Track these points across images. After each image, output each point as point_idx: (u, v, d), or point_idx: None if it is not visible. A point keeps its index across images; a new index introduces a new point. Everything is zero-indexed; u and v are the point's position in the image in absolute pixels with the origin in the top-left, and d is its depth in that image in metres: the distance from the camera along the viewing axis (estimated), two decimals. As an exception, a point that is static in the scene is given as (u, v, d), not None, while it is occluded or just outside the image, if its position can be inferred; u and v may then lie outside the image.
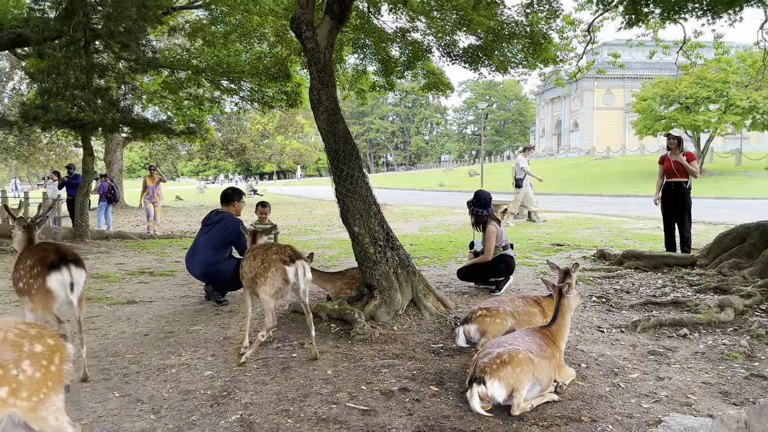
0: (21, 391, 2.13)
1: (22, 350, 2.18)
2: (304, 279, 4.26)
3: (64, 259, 3.93)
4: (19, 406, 2.13)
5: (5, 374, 2.09)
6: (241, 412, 3.38)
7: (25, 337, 2.22)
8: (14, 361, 2.14)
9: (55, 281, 3.85)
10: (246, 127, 39.90)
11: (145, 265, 8.90)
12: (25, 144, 27.81)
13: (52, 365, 2.25)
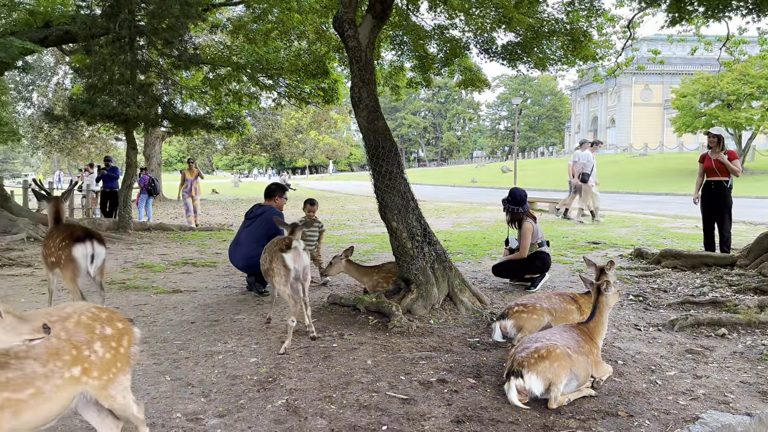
0: (92, 371, 2.30)
1: (94, 333, 2.35)
2: (297, 264, 4.51)
3: (89, 234, 4.83)
4: (91, 385, 2.30)
5: (79, 354, 2.26)
6: (286, 397, 3.54)
7: (97, 320, 2.39)
8: (87, 343, 2.31)
9: (79, 252, 4.67)
10: (281, 122, 40.40)
11: (187, 256, 9.19)
12: (68, 137, 28.74)
13: (121, 347, 2.42)
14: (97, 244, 4.85)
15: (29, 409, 2.05)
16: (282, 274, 4.52)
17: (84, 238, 4.79)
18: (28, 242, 10.24)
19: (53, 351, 2.15)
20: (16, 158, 76.83)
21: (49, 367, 2.12)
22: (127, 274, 7.62)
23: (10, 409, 1.99)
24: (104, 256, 4.95)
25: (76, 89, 18.70)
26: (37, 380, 2.07)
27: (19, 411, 2.02)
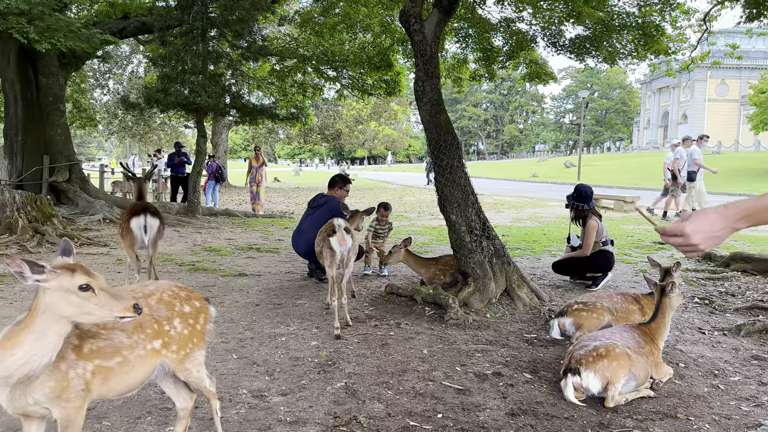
0: (171, 345, 2.49)
1: (174, 309, 2.54)
2: (344, 247, 4.78)
3: (145, 209, 5.57)
4: (169, 358, 2.49)
5: (160, 329, 2.45)
6: (345, 381, 3.68)
7: (177, 298, 2.58)
8: (167, 319, 2.49)
9: (134, 223, 5.47)
10: (342, 113, 40.88)
11: (251, 242, 9.53)
12: (141, 124, 30.08)
13: (198, 324, 2.60)
14: (150, 217, 5.54)
15: (116, 377, 2.25)
16: (328, 257, 4.81)
17: (140, 212, 5.54)
18: (104, 223, 10.86)
19: (138, 324, 2.34)
20: (91, 142, 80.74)
21: (134, 338, 2.31)
22: (196, 256, 7.99)
23: (100, 376, 2.18)
24: (156, 228, 5.57)
25: (150, 78, 19.57)
26: (124, 350, 2.26)
27: (108, 378, 2.22)
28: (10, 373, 1.91)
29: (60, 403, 2.05)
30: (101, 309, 1.92)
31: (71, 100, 19.62)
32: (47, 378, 2.00)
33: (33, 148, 12.33)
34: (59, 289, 1.89)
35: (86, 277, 1.91)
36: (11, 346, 1.92)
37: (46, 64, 12.35)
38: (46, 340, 1.91)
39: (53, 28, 9.55)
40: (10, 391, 1.96)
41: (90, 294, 1.89)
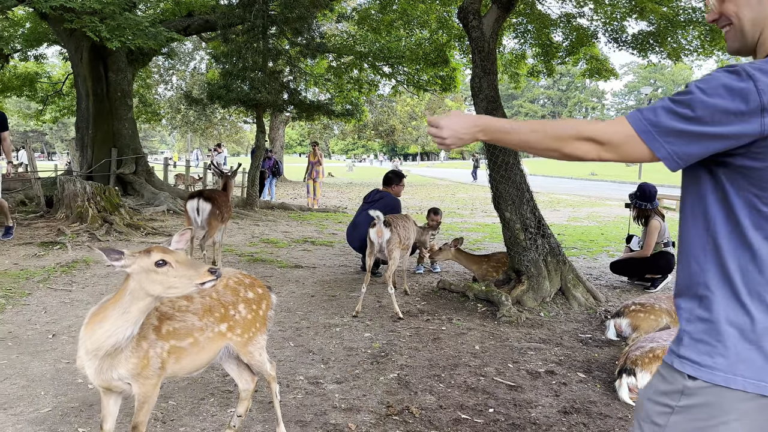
0: (236, 329, 2.62)
1: (239, 295, 2.67)
2: (381, 238, 5.17)
3: (200, 194, 6.43)
4: (234, 341, 2.62)
5: (226, 313, 2.59)
6: (397, 372, 3.75)
7: (241, 285, 2.71)
8: (233, 304, 2.63)
9: (189, 205, 6.34)
10: (396, 109, 40.96)
11: (306, 235, 9.74)
12: (202, 119, 31.04)
13: (260, 310, 2.73)
14: (203, 201, 6.29)
15: (187, 356, 2.39)
16: (368, 246, 5.23)
17: (194, 197, 6.38)
18: (168, 214, 11.31)
19: (207, 307, 2.49)
20: (154, 136, 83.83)
21: (204, 321, 2.46)
22: (254, 248, 8.25)
23: (174, 355, 2.33)
24: (209, 211, 6.28)
25: (212, 74, 20.18)
26: (195, 332, 2.41)
27: (180, 357, 2.37)
28: (99, 345, 2.08)
29: (140, 380, 2.21)
30: (181, 279, 2.02)
31: (137, 95, 20.48)
32: (131, 354, 2.16)
33: (102, 141, 12.96)
34: (140, 270, 2.03)
35: (161, 253, 2.02)
36: (100, 320, 2.09)
37: (115, 61, 12.94)
38: (129, 315, 2.07)
39: (123, 27, 10.01)
40: (99, 364, 2.13)
41: (167, 268, 2.01)
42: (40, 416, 2.98)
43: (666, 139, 1.23)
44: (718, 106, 1.18)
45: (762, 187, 1.24)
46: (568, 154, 1.35)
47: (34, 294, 5.26)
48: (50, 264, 6.42)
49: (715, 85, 1.21)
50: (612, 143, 1.29)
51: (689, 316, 1.34)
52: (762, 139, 1.19)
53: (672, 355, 1.35)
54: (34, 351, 3.89)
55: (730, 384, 1.24)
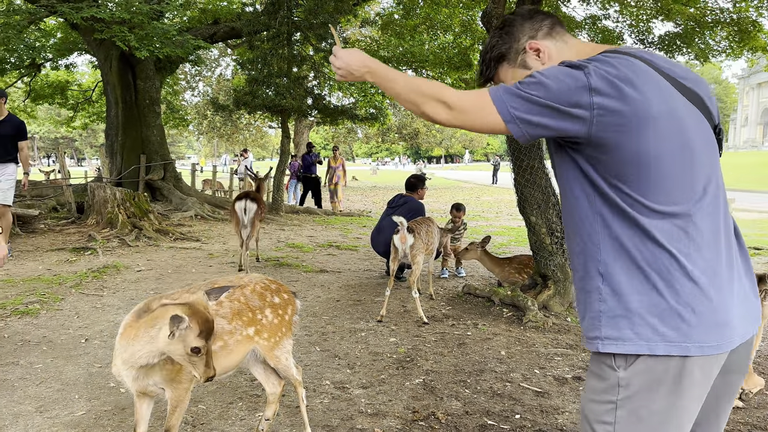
0: (263, 333, 2.66)
1: (266, 300, 2.72)
2: (405, 244, 5.20)
3: (246, 195, 7.04)
4: (261, 345, 2.66)
5: (253, 317, 2.63)
6: (423, 377, 3.76)
7: (268, 290, 2.76)
8: (260, 308, 2.67)
9: (237, 206, 6.87)
10: (419, 112, 40.90)
11: (331, 239, 9.81)
12: (228, 124, 31.45)
13: (286, 315, 2.77)
14: (249, 202, 6.87)
15: (217, 360, 2.43)
16: (392, 252, 5.28)
17: (242, 198, 7.02)
18: (196, 219, 11.49)
19: (236, 311, 2.54)
20: (181, 141, 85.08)
21: (233, 325, 2.51)
22: (280, 252, 8.33)
23: None
24: (254, 211, 6.86)
25: (238, 81, 20.45)
26: (225, 335, 2.46)
27: None
28: (134, 359, 2.14)
29: (173, 385, 2.27)
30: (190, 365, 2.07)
31: (164, 101, 20.83)
32: (165, 362, 2.21)
33: (131, 148, 13.21)
34: (182, 339, 2.03)
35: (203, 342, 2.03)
36: (132, 336, 2.14)
37: (143, 69, 13.19)
38: (156, 344, 2.09)
39: (151, 36, 10.21)
40: (135, 373, 2.19)
41: (195, 357, 2.04)
42: (74, 419, 3.06)
43: (513, 105, 1.31)
44: (561, 83, 1.29)
45: (616, 174, 1.33)
46: (424, 112, 1.44)
47: (67, 299, 5.39)
48: (82, 269, 6.57)
49: (554, 70, 1.33)
50: (462, 109, 1.38)
51: (600, 296, 1.38)
52: (595, 124, 1.29)
53: (596, 341, 1.39)
54: (68, 355, 3.99)
55: (654, 351, 1.30)
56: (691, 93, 1.38)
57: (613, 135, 1.29)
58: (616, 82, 1.27)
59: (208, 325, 2.05)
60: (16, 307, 4.95)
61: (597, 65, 1.30)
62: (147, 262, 7.24)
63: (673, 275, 1.31)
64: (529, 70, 1.53)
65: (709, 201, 1.36)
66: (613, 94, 1.27)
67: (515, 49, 1.56)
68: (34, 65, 15.78)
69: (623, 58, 1.33)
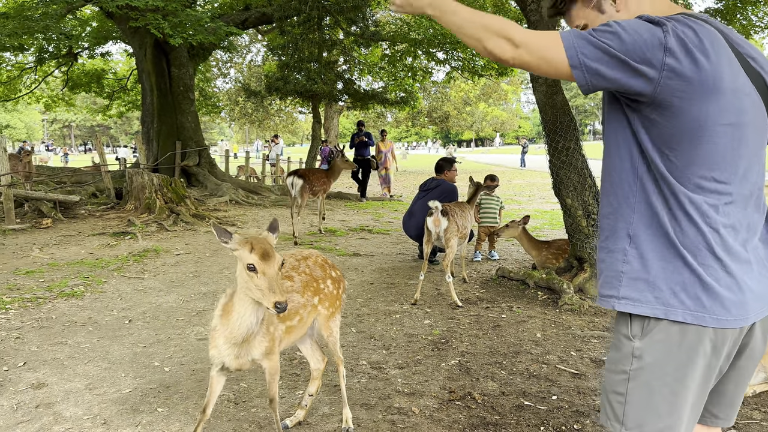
0: (325, 302, 2.73)
1: (326, 272, 2.80)
2: (438, 228, 5.19)
3: (295, 172, 8.55)
4: (321, 315, 2.73)
5: (318, 287, 2.69)
6: (458, 359, 3.78)
7: (326, 263, 2.85)
8: (322, 279, 2.75)
9: (287, 181, 8.43)
10: (450, 95, 40.59)
11: (363, 223, 9.86)
12: (260, 110, 31.68)
13: (339, 290, 2.85)
14: (296, 178, 8.26)
15: (293, 332, 2.56)
16: (426, 235, 5.28)
17: (291, 174, 8.45)
18: (230, 204, 11.66)
19: (305, 283, 2.61)
20: (213, 128, 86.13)
21: (305, 297, 2.60)
22: (314, 236, 8.42)
23: (286, 333, 2.49)
24: (300, 186, 8.17)
25: (269, 67, 20.55)
26: (300, 309, 2.56)
27: (290, 334, 2.53)
28: (235, 333, 2.23)
29: (270, 357, 2.37)
30: (256, 292, 2.08)
31: (198, 88, 21.09)
32: (263, 339, 2.31)
33: (167, 135, 13.44)
34: (239, 259, 2.11)
35: (257, 259, 2.06)
36: (228, 312, 2.25)
37: (177, 56, 13.37)
38: (246, 301, 2.17)
39: (184, 23, 10.32)
40: (237, 350, 2.28)
41: (254, 274, 2.06)
42: (122, 396, 3.17)
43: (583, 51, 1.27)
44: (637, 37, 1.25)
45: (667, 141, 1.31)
46: (486, 48, 1.38)
47: (109, 282, 5.56)
48: (123, 253, 6.76)
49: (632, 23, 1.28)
50: (529, 48, 1.32)
51: (624, 257, 1.39)
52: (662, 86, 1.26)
53: (611, 299, 1.41)
54: (113, 335, 4.13)
55: (670, 316, 1.32)
56: (756, 74, 1.35)
57: (675, 100, 1.27)
58: (691, 48, 1.24)
59: (261, 244, 2.07)
60: (62, 290, 5.12)
61: (676, 25, 1.27)
62: (185, 246, 7.40)
63: (699, 249, 1.32)
64: (602, 14, 1.50)
65: (747, 184, 1.36)
66: (686, 58, 1.24)
67: None
68: (71, 54, 16.13)
69: (702, 25, 1.30)
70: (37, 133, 64.35)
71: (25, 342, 3.93)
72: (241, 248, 2.07)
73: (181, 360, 3.70)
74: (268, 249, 2.08)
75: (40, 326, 4.25)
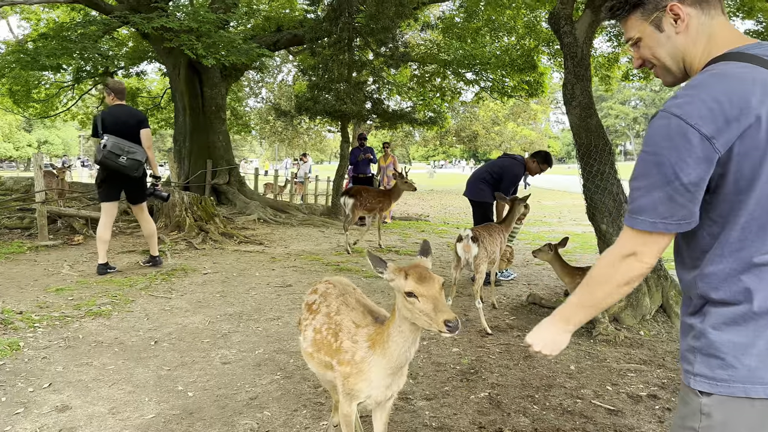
0: None
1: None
2: (468, 254, 5.12)
3: (347, 191, 9.32)
4: None
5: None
6: (488, 391, 3.65)
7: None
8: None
9: (341, 199, 9.25)
10: (478, 114, 40.47)
11: (390, 244, 9.77)
12: (289, 129, 32.02)
13: None
14: (347, 197, 9.04)
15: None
16: (455, 260, 5.22)
17: (344, 193, 9.38)
18: (259, 223, 11.70)
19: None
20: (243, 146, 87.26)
21: None
22: (340, 257, 8.36)
23: None
24: (351, 204, 8.94)
25: (299, 87, 20.78)
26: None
27: None
28: (393, 364, 2.16)
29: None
30: (422, 318, 1.95)
31: (229, 108, 21.40)
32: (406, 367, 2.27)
33: (198, 153, 13.61)
34: (397, 289, 2.02)
35: (414, 284, 1.96)
36: (377, 342, 2.18)
37: (210, 77, 13.57)
38: (404, 332, 2.07)
39: (217, 44, 10.49)
40: (391, 380, 2.24)
41: (414, 299, 1.95)
42: (144, 422, 3.12)
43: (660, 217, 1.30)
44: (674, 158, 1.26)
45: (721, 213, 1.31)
46: (625, 281, 1.38)
47: (137, 301, 5.57)
48: (151, 271, 6.78)
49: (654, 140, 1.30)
50: (642, 254, 1.34)
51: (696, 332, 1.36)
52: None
53: (688, 375, 1.36)
54: (138, 357, 4.10)
55: (750, 393, 1.25)
56: None
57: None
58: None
59: (415, 269, 1.99)
60: (90, 308, 5.14)
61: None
62: (213, 264, 7.40)
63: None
64: (659, 33, 1.44)
65: None
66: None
67: (656, 3, 1.43)
68: (107, 73, 16.52)
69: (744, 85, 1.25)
70: (74, 148, 66.15)
71: (51, 362, 3.92)
72: (396, 277, 2.00)
73: (205, 385, 3.65)
74: (423, 272, 1.99)
75: (66, 346, 4.25)
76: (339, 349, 2.31)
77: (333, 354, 2.34)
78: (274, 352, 4.27)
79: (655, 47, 1.45)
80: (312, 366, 2.56)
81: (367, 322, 2.33)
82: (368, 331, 2.26)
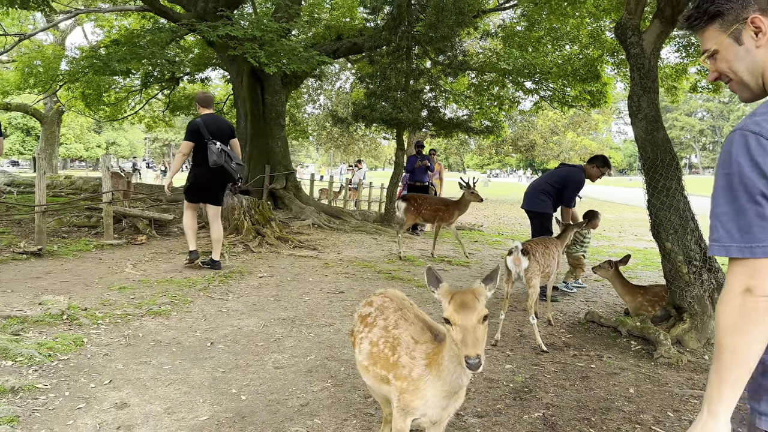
0: None
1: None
2: (519, 267, 4.97)
3: (403, 197, 9.66)
4: None
5: None
6: (543, 411, 3.54)
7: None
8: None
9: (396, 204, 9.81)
10: (536, 124, 39.80)
11: (443, 254, 9.70)
12: (345, 135, 32.40)
13: None
14: (400, 201, 9.33)
15: None
16: (504, 273, 5.05)
17: (398, 199, 9.78)
18: (313, 228, 11.85)
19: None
20: (300, 151, 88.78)
21: None
22: (392, 265, 8.35)
23: None
24: (404, 208, 9.13)
25: (356, 94, 20.99)
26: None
27: None
28: (447, 388, 2.14)
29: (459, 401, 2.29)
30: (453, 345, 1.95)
31: (288, 114, 21.84)
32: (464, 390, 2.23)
33: (258, 158, 13.92)
34: (443, 310, 1.99)
35: (452, 312, 1.93)
36: (434, 362, 2.15)
37: (271, 84, 13.88)
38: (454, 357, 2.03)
39: (279, 52, 10.72)
40: (447, 402, 2.20)
41: (450, 327, 1.94)
42: (198, 424, 3.18)
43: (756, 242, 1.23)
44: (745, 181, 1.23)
45: None
46: (747, 323, 1.27)
47: (195, 301, 5.71)
48: (210, 273, 6.96)
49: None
50: (755, 288, 1.25)
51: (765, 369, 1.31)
52: None
53: (754, 414, 1.33)
54: (194, 358, 4.20)
55: None
56: None
57: None
58: None
59: (461, 295, 1.96)
60: (150, 308, 5.31)
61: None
62: (268, 268, 7.53)
63: None
64: (738, 46, 1.37)
65: None
66: None
67: (736, 15, 1.36)
68: (173, 79, 17.17)
69: None
70: (140, 150, 69.02)
71: (112, 359, 4.06)
72: (442, 299, 2.00)
73: (257, 389, 3.70)
74: (467, 300, 1.94)
75: (127, 344, 4.40)
76: (396, 364, 2.28)
77: (390, 368, 2.31)
78: (325, 359, 4.29)
79: (732, 61, 1.39)
80: (367, 379, 2.54)
81: (425, 338, 2.28)
82: (426, 348, 2.22)
